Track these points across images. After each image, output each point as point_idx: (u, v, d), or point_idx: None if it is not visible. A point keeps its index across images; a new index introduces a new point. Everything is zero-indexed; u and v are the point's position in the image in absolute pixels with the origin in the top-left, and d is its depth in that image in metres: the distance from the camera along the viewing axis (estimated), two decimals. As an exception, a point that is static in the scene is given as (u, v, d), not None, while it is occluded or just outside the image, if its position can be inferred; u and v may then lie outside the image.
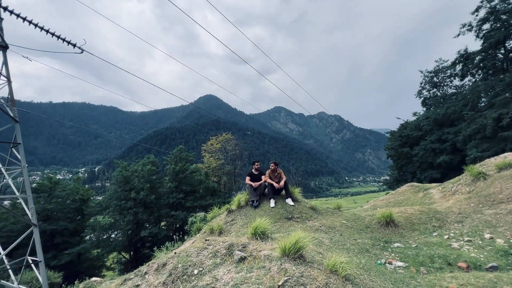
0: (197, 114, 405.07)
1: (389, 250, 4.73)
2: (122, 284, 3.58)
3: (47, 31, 8.90)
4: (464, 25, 25.89)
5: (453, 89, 32.65)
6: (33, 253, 10.30)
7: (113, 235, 31.16)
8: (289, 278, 2.26)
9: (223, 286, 2.44)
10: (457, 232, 5.36)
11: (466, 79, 29.13)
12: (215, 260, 2.93)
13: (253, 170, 7.14)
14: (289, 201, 6.33)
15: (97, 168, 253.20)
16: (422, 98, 35.66)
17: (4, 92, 9.56)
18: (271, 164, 6.97)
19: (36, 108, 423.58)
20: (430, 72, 33.63)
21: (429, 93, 34.89)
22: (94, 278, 4.72)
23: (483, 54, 24.61)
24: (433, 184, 12.68)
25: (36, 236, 8.85)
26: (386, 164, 36.83)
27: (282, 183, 6.50)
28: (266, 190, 6.61)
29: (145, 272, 3.50)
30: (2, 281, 10.98)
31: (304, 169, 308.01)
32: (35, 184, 29.85)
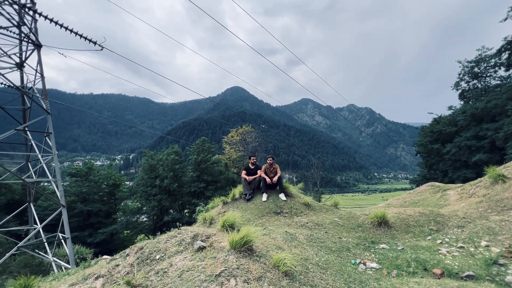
0: (224, 105, 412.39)
1: (372, 250, 4.65)
2: (109, 263, 4.02)
3: (71, 31, 9.76)
4: (512, 8, 22.96)
5: (497, 80, 29.34)
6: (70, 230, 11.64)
7: (140, 219, 33.69)
8: (225, 269, 2.43)
9: (173, 271, 2.69)
10: (453, 237, 5.07)
11: (513, 69, 26.03)
12: (178, 248, 3.19)
13: (249, 165, 7.31)
14: (281, 196, 6.42)
15: (131, 155, 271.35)
16: (460, 91, 32.61)
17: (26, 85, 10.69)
18: (269, 159, 7.07)
19: (79, 99, 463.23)
20: (470, 62, 30.49)
21: (468, 85, 31.77)
22: (105, 256, 5.29)
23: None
24: (453, 185, 11.80)
25: (64, 216, 9.99)
26: (421, 160, 34.54)
27: (275, 178, 6.59)
28: (261, 184, 6.75)
29: (127, 254, 3.90)
30: (40, 252, 12.62)
31: (331, 163, 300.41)
32: (73, 169, 33.01)
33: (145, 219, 34.63)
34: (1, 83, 11.92)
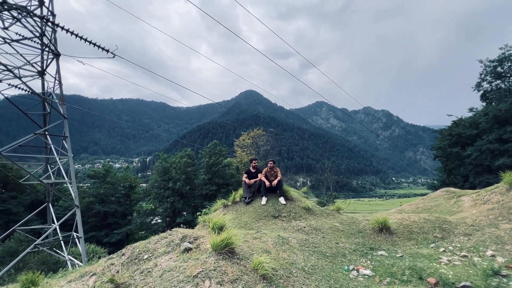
0: (237, 109, 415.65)
1: (369, 257, 4.53)
2: (106, 261, 4.19)
3: (85, 40, 10.33)
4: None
5: (523, 80, 27.67)
6: (90, 230, 12.19)
7: (154, 220, 34.55)
8: (202, 271, 2.48)
9: (157, 271, 2.78)
10: (458, 246, 4.84)
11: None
12: (166, 249, 3.28)
13: (250, 168, 7.35)
14: (281, 200, 6.39)
15: (148, 158, 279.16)
16: (482, 91, 31.00)
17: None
18: (269, 162, 7.08)
19: (100, 104, 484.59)
20: (493, 61, 28.96)
21: (490, 85, 30.16)
22: (112, 255, 5.51)
23: None
24: (470, 191, 11.21)
25: (78, 216, 10.48)
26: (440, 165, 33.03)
27: (275, 182, 6.58)
28: (261, 187, 6.75)
29: (123, 254, 4.04)
30: (57, 251, 13.24)
31: (346, 167, 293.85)
32: (91, 171, 34.46)
33: (159, 220, 35.49)
34: (25, 90, 12.78)
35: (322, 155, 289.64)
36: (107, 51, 10.72)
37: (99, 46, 10.59)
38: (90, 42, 10.48)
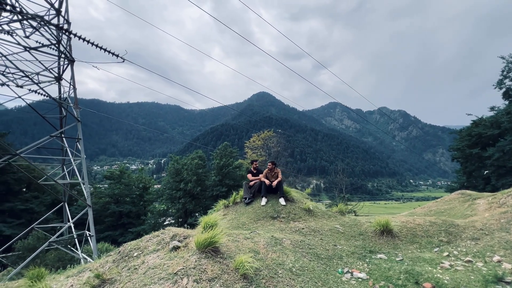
0: (250, 111, 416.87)
1: (367, 260, 4.41)
2: (104, 258, 4.32)
3: (97, 46, 10.78)
4: None
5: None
6: (105, 230, 12.65)
7: (167, 221, 35.21)
8: (183, 268, 2.50)
9: (143, 268, 2.84)
10: (463, 250, 4.61)
11: None
12: (156, 247, 3.35)
13: (251, 169, 7.36)
14: (281, 200, 6.34)
15: (163, 160, 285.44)
16: (504, 89, 29.37)
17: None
18: (269, 164, 7.07)
19: (117, 107, 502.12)
20: (516, 57, 27.40)
21: (513, 82, 28.51)
22: (110, 253, 5.74)
23: None
24: (486, 194, 10.62)
25: (90, 215, 10.88)
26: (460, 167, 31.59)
27: (275, 182, 6.53)
28: (262, 188, 6.73)
29: (119, 251, 4.16)
30: (72, 248, 13.79)
31: (361, 168, 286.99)
32: (107, 172, 35.70)
33: (172, 220, 36.12)
34: (42, 95, 13.50)
35: (336, 156, 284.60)
36: (117, 56, 11.15)
37: (109, 52, 11.04)
38: (101, 48, 10.95)
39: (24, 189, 29.89)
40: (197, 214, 34.11)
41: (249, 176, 7.20)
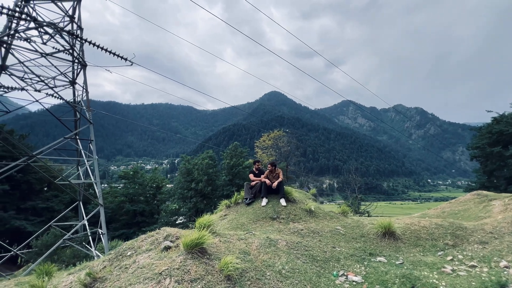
0: (261, 111, 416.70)
1: (365, 263, 4.30)
2: (105, 257, 4.47)
3: (106, 50, 11.15)
4: None
5: None
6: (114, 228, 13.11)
7: (179, 219, 35.89)
8: (167, 268, 2.55)
9: (133, 267, 2.91)
10: (469, 254, 4.40)
11: None
12: (149, 247, 3.42)
13: (254, 169, 7.37)
14: (282, 201, 6.30)
15: (176, 160, 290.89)
16: (528, 84, 27.79)
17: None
18: (268, 166, 7.07)
19: (132, 109, 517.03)
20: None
21: (538, 76, 26.91)
22: (110, 251, 5.94)
23: None
24: (504, 194, 10.07)
25: (102, 214, 11.28)
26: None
27: (275, 183, 6.50)
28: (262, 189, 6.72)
29: (118, 250, 4.29)
30: (86, 245, 14.34)
31: (376, 168, 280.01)
32: (122, 172, 36.82)
33: (184, 220, 36.77)
34: (57, 98, 14.14)
35: (349, 155, 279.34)
36: (125, 59, 11.50)
37: (118, 55, 11.41)
38: (110, 52, 11.32)
39: (45, 189, 31.34)
40: (209, 214, 34.59)
41: (251, 176, 7.24)
